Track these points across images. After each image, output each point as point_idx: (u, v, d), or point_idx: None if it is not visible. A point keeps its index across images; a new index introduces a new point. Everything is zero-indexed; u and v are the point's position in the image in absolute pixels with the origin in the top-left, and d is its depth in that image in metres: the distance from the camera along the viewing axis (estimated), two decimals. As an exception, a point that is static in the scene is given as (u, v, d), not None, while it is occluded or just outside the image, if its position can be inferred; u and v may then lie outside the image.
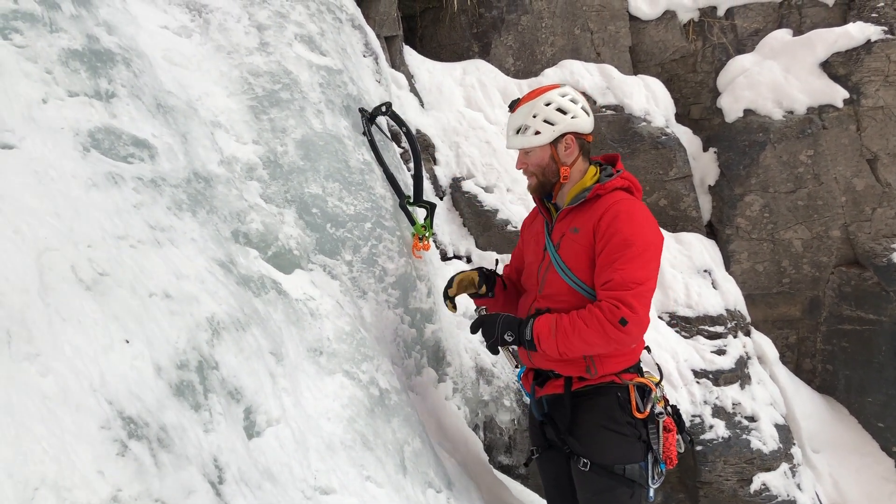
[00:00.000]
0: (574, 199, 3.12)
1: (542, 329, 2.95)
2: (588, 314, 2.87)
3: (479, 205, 5.76)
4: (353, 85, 4.34)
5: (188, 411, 2.18)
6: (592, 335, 2.85)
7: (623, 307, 2.82)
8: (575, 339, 2.88)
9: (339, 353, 3.15)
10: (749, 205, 7.31)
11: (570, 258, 3.07)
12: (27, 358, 1.77)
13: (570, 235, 3.08)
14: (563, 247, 3.11)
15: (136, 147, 2.82)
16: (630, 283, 2.85)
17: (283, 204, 3.52)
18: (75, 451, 1.70)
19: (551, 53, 7.37)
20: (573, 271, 3.05)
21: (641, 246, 2.91)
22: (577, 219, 3.08)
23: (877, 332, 7.07)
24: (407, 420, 3.28)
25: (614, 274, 2.87)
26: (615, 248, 2.90)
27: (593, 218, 3.01)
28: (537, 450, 3.33)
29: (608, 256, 2.92)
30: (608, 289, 2.88)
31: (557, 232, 3.16)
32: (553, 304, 3.10)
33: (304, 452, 2.61)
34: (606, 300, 2.86)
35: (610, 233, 2.93)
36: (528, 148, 3.17)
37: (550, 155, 3.14)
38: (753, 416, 5.92)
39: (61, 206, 2.26)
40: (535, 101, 3.14)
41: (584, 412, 3.07)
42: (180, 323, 2.33)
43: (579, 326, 2.87)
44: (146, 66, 3.24)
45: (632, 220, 2.95)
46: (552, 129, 3.10)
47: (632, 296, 2.84)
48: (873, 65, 7.14)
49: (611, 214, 2.96)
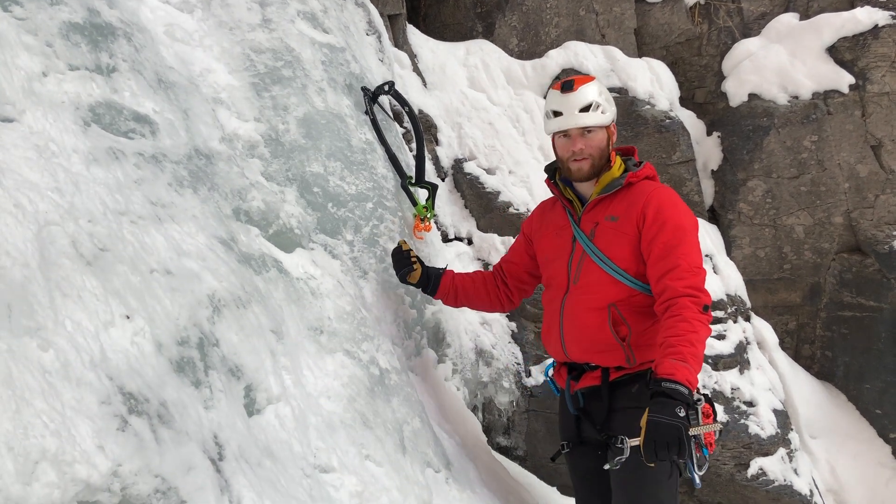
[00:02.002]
0: (607, 187, 3.11)
1: (685, 373, 2.73)
2: (687, 323, 2.80)
3: (481, 187, 5.74)
4: (356, 63, 4.31)
5: (188, 388, 2.18)
6: (703, 334, 2.86)
7: (700, 294, 2.88)
8: (700, 349, 2.85)
9: (340, 333, 3.15)
10: (752, 190, 7.28)
11: (607, 246, 3.06)
12: (28, 332, 1.77)
13: (607, 224, 3.06)
14: (598, 235, 3.08)
15: (138, 122, 2.80)
16: (695, 268, 2.93)
17: (284, 182, 3.50)
18: (76, 425, 1.70)
19: (556, 34, 7.31)
20: (612, 259, 3.04)
21: (692, 232, 3.00)
22: (613, 207, 3.08)
23: (877, 320, 7.07)
24: (406, 400, 3.28)
25: (679, 261, 2.90)
26: (672, 236, 2.93)
27: (635, 205, 3.02)
28: (568, 444, 3.26)
29: (665, 245, 2.93)
30: (678, 277, 2.88)
31: (589, 221, 3.13)
32: (590, 293, 3.07)
33: (303, 430, 2.61)
34: (683, 293, 2.85)
35: (660, 221, 2.95)
36: (595, 126, 3.11)
37: (608, 137, 3.15)
38: (752, 401, 5.93)
39: (62, 181, 2.25)
40: (594, 82, 3.16)
41: (622, 398, 3.04)
42: (181, 300, 2.33)
43: (695, 339, 2.81)
44: (147, 40, 3.21)
45: (676, 206, 3.02)
46: (612, 111, 3.16)
47: (701, 281, 2.93)
48: (880, 50, 7.08)
49: (656, 201, 3.00)
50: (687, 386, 2.70)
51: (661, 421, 2.66)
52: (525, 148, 6.28)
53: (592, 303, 3.07)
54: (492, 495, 3.51)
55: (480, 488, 3.48)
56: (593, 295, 3.06)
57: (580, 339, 3.11)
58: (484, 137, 6.03)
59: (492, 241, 5.49)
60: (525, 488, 4.12)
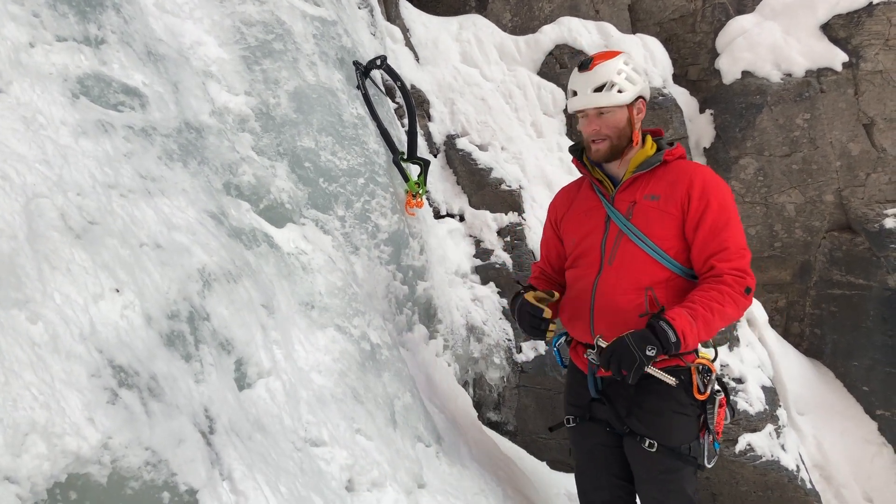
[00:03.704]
0: (641, 165, 3.02)
1: (685, 325, 2.77)
2: (718, 293, 2.81)
3: (474, 163, 5.72)
4: (348, 37, 4.27)
5: (179, 361, 2.18)
6: (730, 312, 2.83)
7: (746, 276, 2.85)
8: (717, 322, 2.83)
9: (331, 308, 3.15)
10: (744, 168, 7.29)
11: (647, 225, 2.97)
12: (16, 304, 1.76)
13: (647, 203, 2.98)
14: (637, 214, 2.99)
15: (127, 95, 2.78)
16: (742, 249, 2.90)
17: (275, 157, 3.48)
18: (65, 398, 1.70)
19: (549, 10, 7.26)
20: (652, 239, 2.96)
21: (736, 211, 2.97)
22: (652, 185, 3.00)
23: (865, 298, 7.12)
24: (397, 375, 3.29)
25: (726, 242, 2.87)
26: (718, 217, 2.89)
27: (678, 184, 2.95)
28: (574, 419, 3.22)
29: (713, 226, 2.89)
30: (726, 259, 2.86)
31: (625, 200, 3.03)
32: (626, 274, 2.98)
33: (294, 404, 2.62)
34: (729, 272, 2.84)
35: (706, 201, 2.90)
36: (609, 107, 3.01)
37: (628, 117, 3.03)
38: (741, 377, 5.98)
39: (50, 153, 2.23)
40: (615, 59, 3.02)
41: (647, 395, 2.98)
42: (171, 273, 2.32)
43: (717, 308, 2.80)
44: (137, 12, 3.17)
45: (720, 186, 2.97)
46: (634, 89, 3.00)
47: (746, 263, 2.89)
48: (874, 28, 7.07)
49: (700, 181, 2.94)
50: (679, 336, 2.76)
51: (627, 345, 2.77)
52: (518, 124, 6.26)
53: (629, 284, 2.97)
54: (482, 469, 3.53)
55: (470, 462, 3.51)
56: (630, 276, 2.97)
57: (614, 322, 2.97)
58: (476, 113, 6.00)
59: (483, 217, 5.49)
60: (515, 463, 4.15)
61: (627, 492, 3.14)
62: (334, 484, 2.56)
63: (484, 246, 5.38)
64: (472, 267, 5.26)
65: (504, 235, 5.45)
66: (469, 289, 5.08)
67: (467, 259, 5.29)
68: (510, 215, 5.55)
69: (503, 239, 5.43)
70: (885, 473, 6.73)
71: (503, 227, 5.49)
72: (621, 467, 3.13)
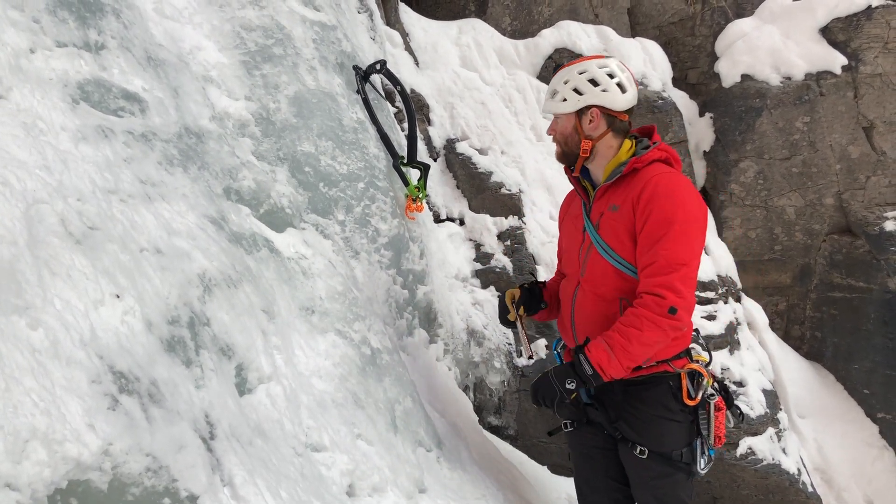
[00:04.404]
0: (610, 175, 2.99)
1: (600, 357, 2.78)
2: (635, 318, 2.75)
3: (474, 167, 5.72)
4: (348, 42, 4.28)
5: (179, 367, 2.18)
6: (649, 336, 2.74)
7: (670, 294, 2.72)
8: (635, 349, 2.76)
9: (331, 313, 3.15)
10: (743, 171, 7.29)
11: (610, 237, 2.94)
12: (16, 311, 1.76)
13: (609, 213, 2.95)
14: (602, 226, 2.97)
15: (127, 100, 2.78)
16: (675, 264, 2.74)
17: (275, 162, 3.48)
18: (66, 404, 1.70)
19: (549, 14, 7.27)
20: (615, 250, 2.92)
21: (683, 223, 2.79)
22: (616, 195, 2.95)
23: (866, 301, 7.12)
24: (398, 380, 3.29)
25: (656, 256, 2.76)
26: (656, 227, 2.78)
27: (633, 193, 2.88)
28: (572, 423, 3.22)
29: (649, 236, 2.79)
30: (651, 274, 2.76)
31: (596, 211, 3.03)
32: (597, 286, 2.98)
33: (295, 410, 2.61)
34: (649, 292, 2.75)
35: (649, 209, 2.80)
36: (554, 113, 3.08)
37: (574, 125, 3.03)
38: (742, 381, 5.97)
39: (50, 159, 2.23)
40: (572, 67, 3.04)
41: (637, 402, 2.98)
42: (171, 279, 2.32)
43: (633, 335, 2.74)
44: (136, 17, 3.17)
45: (672, 194, 2.82)
46: (578, 99, 2.99)
47: (677, 279, 2.73)
48: (873, 31, 7.08)
49: (650, 189, 2.83)
50: (595, 368, 2.80)
51: (549, 381, 2.94)
52: (517, 128, 6.25)
53: (601, 295, 2.98)
54: (483, 474, 3.53)
55: (471, 467, 3.50)
56: (601, 287, 2.98)
57: (592, 333, 2.99)
58: (476, 117, 6.00)
59: (484, 221, 5.48)
60: (516, 467, 4.15)
61: (625, 495, 3.13)
62: (335, 489, 2.55)
63: (484, 250, 5.38)
64: (473, 271, 5.26)
65: (504, 239, 5.45)
66: (469, 293, 5.08)
67: (467, 263, 5.29)
68: (510, 219, 5.54)
69: (503, 243, 5.42)
70: (886, 477, 6.72)
71: (503, 230, 5.49)
72: (618, 471, 3.13)
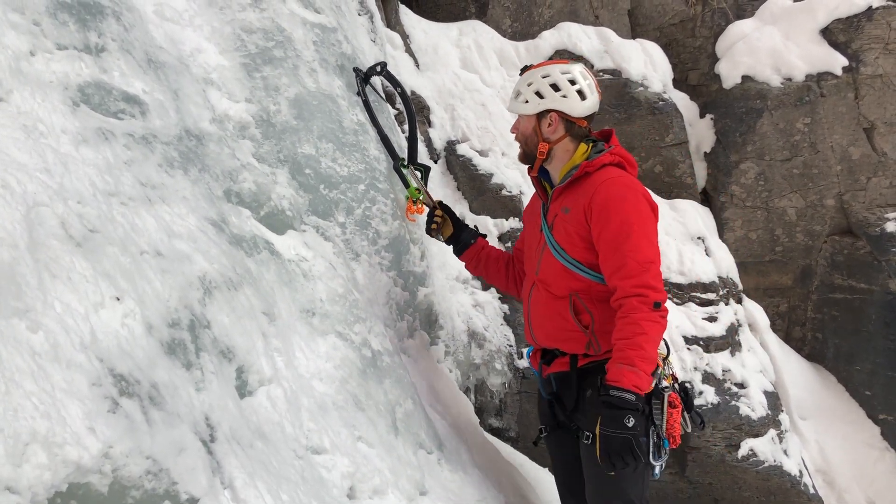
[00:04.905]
0: (563, 178, 3.12)
1: (630, 377, 2.77)
2: (633, 324, 2.80)
3: (474, 169, 5.72)
4: (348, 44, 4.27)
5: (180, 370, 2.18)
6: (653, 333, 2.82)
7: (650, 291, 2.83)
8: (650, 350, 2.82)
9: (332, 315, 3.15)
10: (744, 172, 7.29)
11: (563, 238, 3.06)
12: (16, 313, 1.76)
13: (562, 216, 3.07)
14: (556, 227, 3.10)
15: (127, 103, 2.78)
16: (644, 263, 2.86)
17: (275, 164, 3.48)
18: (66, 407, 1.69)
19: (549, 15, 7.27)
20: (567, 251, 3.04)
21: (641, 224, 2.91)
22: (568, 198, 3.07)
23: (867, 302, 7.11)
24: (399, 382, 3.29)
25: (626, 259, 2.85)
26: (617, 232, 2.88)
27: (583, 198, 2.98)
28: (546, 428, 3.31)
29: (612, 241, 2.89)
30: (626, 276, 2.85)
31: (552, 213, 3.15)
32: (549, 284, 3.11)
33: (295, 412, 2.61)
34: (630, 294, 2.83)
35: (605, 217, 2.90)
36: (518, 113, 3.21)
37: (534, 127, 3.15)
38: (743, 382, 5.97)
39: (51, 162, 2.23)
40: (536, 70, 3.15)
41: (589, 388, 3.05)
42: (172, 281, 2.32)
43: (642, 340, 2.79)
44: (137, 19, 3.18)
45: (624, 199, 2.93)
46: (538, 102, 3.11)
47: (651, 277, 2.86)
48: (874, 32, 7.08)
49: (602, 194, 2.93)
50: (634, 391, 2.76)
51: (612, 435, 2.77)
52: (518, 130, 6.24)
53: (554, 293, 3.11)
54: (484, 476, 3.52)
55: (472, 469, 3.50)
56: (553, 286, 3.10)
57: (545, 327, 3.16)
58: (476, 119, 6.00)
59: (484, 223, 5.49)
60: (517, 469, 4.14)
61: None
62: (336, 492, 2.55)
63: (485, 251, 5.37)
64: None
65: (505, 241, 5.45)
66: (470, 295, 5.08)
67: (468, 265, 5.28)
68: (511, 221, 5.55)
69: (504, 244, 5.42)
70: (887, 478, 6.71)
71: (504, 232, 5.49)
72: None
